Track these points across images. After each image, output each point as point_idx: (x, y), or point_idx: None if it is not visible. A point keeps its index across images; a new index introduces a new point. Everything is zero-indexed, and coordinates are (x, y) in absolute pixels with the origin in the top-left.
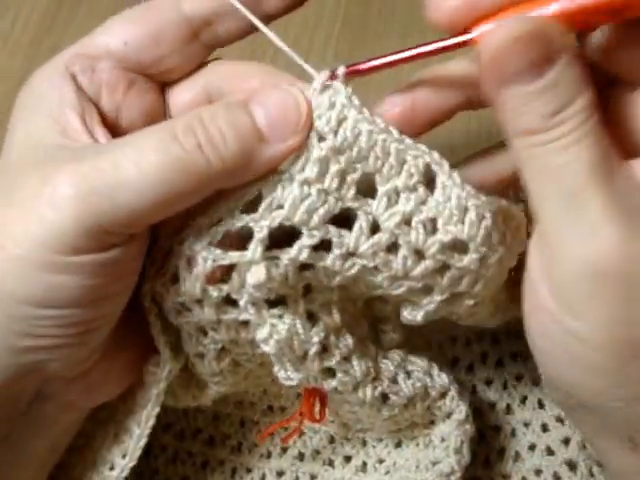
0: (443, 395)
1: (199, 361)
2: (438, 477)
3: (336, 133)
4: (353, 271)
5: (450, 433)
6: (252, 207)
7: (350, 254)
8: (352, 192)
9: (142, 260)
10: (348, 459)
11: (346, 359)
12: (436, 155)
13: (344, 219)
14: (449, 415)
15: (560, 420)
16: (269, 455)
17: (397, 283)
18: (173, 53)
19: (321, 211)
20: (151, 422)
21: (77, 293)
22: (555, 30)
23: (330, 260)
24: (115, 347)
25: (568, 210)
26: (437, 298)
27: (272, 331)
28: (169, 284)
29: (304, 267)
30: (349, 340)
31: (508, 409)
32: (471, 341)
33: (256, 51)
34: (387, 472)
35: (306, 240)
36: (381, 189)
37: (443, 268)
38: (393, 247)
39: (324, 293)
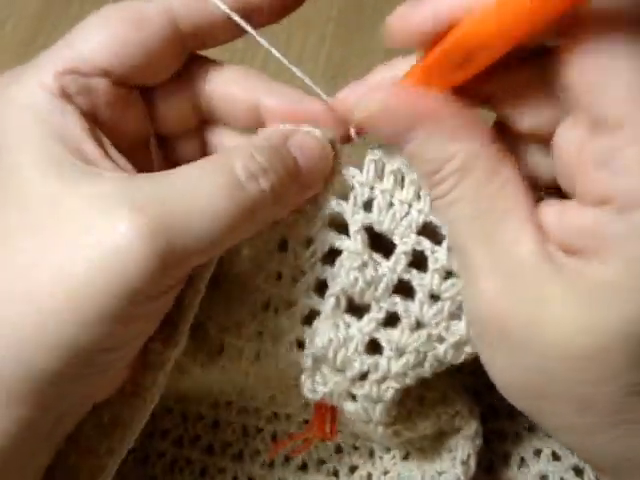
0: (454, 416)
1: (234, 330)
2: None
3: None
4: (453, 291)
5: (458, 445)
6: None
7: (449, 273)
8: (428, 205)
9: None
10: (353, 469)
11: (373, 400)
12: None
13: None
14: (458, 430)
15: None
16: (271, 464)
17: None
18: (162, 65)
19: (407, 220)
20: (156, 397)
21: (130, 339)
22: (412, 99)
23: (429, 278)
24: None
25: (459, 263)
26: None
27: (331, 330)
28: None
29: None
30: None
31: (512, 413)
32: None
33: (246, 53)
34: None
35: (400, 248)
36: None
37: None
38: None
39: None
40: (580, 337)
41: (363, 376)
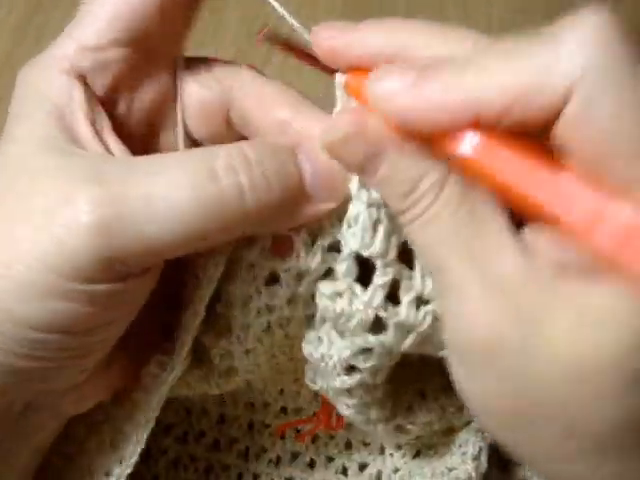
0: (460, 409)
1: (245, 356)
2: None
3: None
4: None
5: (468, 440)
6: None
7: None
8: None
9: (154, 286)
10: (363, 467)
11: (366, 405)
12: None
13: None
14: (468, 423)
15: None
16: (278, 461)
17: None
18: (173, 24)
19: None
20: (150, 424)
21: (82, 320)
22: (375, 124)
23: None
24: (111, 356)
25: (437, 283)
26: None
27: (315, 344)
28: (263, 287)
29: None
30: (378, 393)
31: None
32: None
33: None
34: None
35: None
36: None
37: None
38: None
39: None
40: (576, 360)
41: (348, 391)
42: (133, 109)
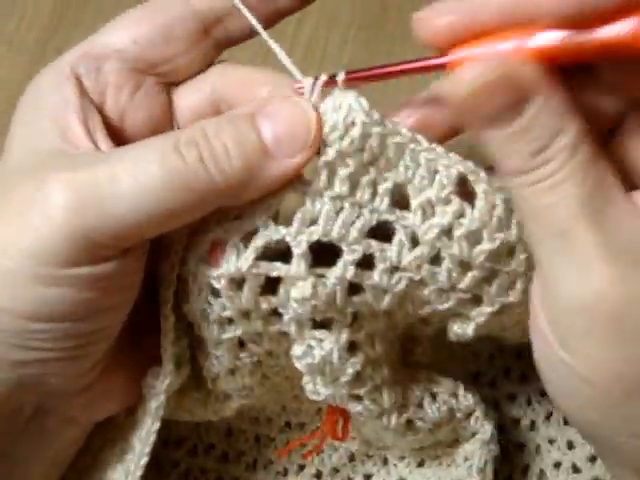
0: (468, 415)
1: (230, 377)
2: None
3: (343, 137)
4: (401, 286)
5: (474, 452)
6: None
7: (395, 268)
8: (386, 204)
9: (141, 273)
10: (368, 478)
11: (377, 388)
12: (470, 164)
13: (385, 234)
14: (474, 434)
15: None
16: (285, 473)
17: (445, 296)
18: (183, 51)
19: (357, 224)
20: (152, 438)
21: (69, 307)
22: (529, 68)
23: (377, 276)
24: (117, 362)
25: (560, 249)
26: (487, 309)
27: (307, 352)
28: (212, 298)
29: (353, 290)
30: (384, 371)
31: (532, 425)
32: (494, 356)
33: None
34: None
35: (348, 256)
36: (414, 202)
37: (491, 275)
38: (437, 259)
39: (371, 322)
40: None
41: (358, 376)
42: (129, 117)
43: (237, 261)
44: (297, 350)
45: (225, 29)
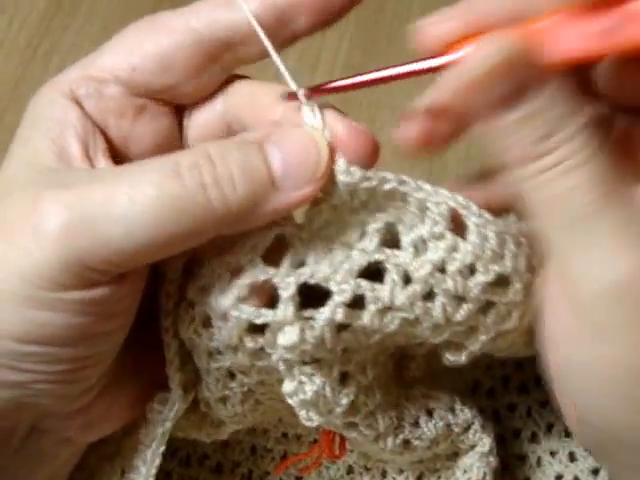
0: (466, 429)
1: (221, 405)
2: None
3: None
4: (393, 326)
5: (473, 465)
6: (274, 257)
7: (387, 308)
8: (375, 243)
9: (139, 298)
10: None
11: (371, 413)
12: (460, 198)
13: (376, 273)
14: (472, 447)
15: (589, 449)
16: None
17: (439, 330)
18: (186, 79)
19: (346, 265)
20: (157, 461)
21: (61, 331)
22: (538, 52)
23: (367, 317)
24: (115, 383)
25: (578, 237)
26: (482, 338)
27: (299, 388)
28: (201, 329)
29: (342, 327)
30: (378, 396)
31: (533, 437)
32: (493, 366)
33: None
34: None
35: (337, 297)
36: (405, 239)
37: (487, 307)
38: (430, 295)
39: (360, 352)
40: None
41: (352, 404)
42: (133, 141)
43: (220, 299)
44: (288, 387)
45: (235, 55)
